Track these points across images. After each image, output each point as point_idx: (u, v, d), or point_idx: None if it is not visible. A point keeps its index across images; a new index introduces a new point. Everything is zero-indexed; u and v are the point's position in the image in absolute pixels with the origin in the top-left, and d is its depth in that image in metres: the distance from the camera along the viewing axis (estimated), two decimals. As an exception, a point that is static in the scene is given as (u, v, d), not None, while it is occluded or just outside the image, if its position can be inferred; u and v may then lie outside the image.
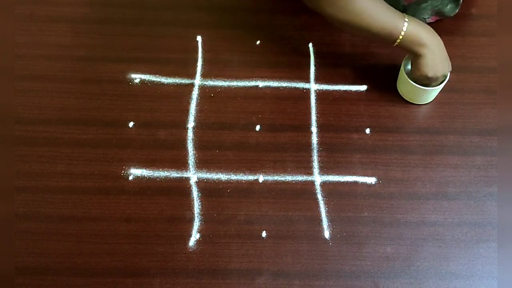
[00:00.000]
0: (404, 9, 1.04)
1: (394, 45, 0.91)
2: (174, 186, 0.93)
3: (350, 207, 0.91)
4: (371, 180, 0.94)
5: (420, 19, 1.06)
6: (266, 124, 0.99)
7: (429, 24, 1.08)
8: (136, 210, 0.90)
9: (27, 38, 1.09)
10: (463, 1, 1.08)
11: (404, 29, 0.89)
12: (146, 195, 0.92)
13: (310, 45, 1.09)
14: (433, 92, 1.00)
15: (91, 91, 1.03)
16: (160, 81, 1.04)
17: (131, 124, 0.99)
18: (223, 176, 0.94)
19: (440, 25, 1.10)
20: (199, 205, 0.91)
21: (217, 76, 1.05)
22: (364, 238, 0.88)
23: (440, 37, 0.93)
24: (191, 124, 0.99)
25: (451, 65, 0.96)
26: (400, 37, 0.90)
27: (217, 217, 0.90)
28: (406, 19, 0.90)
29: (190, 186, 0.93)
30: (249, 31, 1.11)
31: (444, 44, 0.94)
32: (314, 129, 0.99)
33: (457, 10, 1.08)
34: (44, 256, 0.86)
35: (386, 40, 0.91)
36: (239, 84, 1.04)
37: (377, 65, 1.07)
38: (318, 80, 1.05)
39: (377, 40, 0.98)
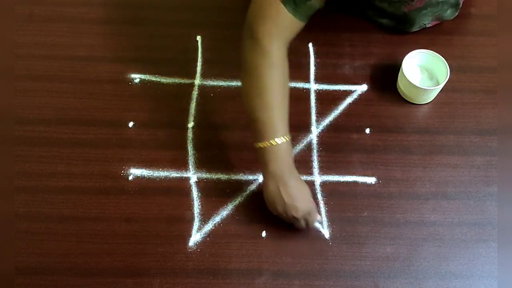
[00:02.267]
0: (405, 16, 1.04)
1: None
2: (174, 186, 0.93)
3: (350, 207, 0.91)
4: (371, 180, 0.94)
5: (420, 25, 1.07)
6: (266, 124, 0.99)
7: (428, 28, 1.09)
8: (136, 210, 0.90)
9: (27, 38, 1.09)
10: (462, 2, 1.08)
11: (271, 142, 0.79)
12: (146, 195, 0.92)
13: (310, 45, 1.09)
14: (433, 92, 1.00)
15: (91, 91, 1.03)
16: (160, 81, 1.04)
17: (131, 124, 0.99)
18: (223, 176, 0.94)
19: (440, 25, 1.10)
20: (199, 205, 0.91)
21: (217, 76, 1.05)
22: (364, 238, 0.88)
23: (440, 37, 0.93)
24: (191, 124, 0.99)
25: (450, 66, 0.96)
26: (261, 144, 0.80)
27: (217, 217, 0.90)
28: (282, 140, 0.80)
29: (190, 186, 0.93)
30: (249, 31, 1.11)
31: (444, 44, 0.94)
32: (314, 129, 0.99)
33: (457, 13, 1.08)
34: (44, 256, 0.86)
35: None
36: (239, 84, 1.04)
37: (377, 65, 1.07)
38: (318, 80, 1.05)
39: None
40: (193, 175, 0.94)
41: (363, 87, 1.04)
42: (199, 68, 1.06)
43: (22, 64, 1.05)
